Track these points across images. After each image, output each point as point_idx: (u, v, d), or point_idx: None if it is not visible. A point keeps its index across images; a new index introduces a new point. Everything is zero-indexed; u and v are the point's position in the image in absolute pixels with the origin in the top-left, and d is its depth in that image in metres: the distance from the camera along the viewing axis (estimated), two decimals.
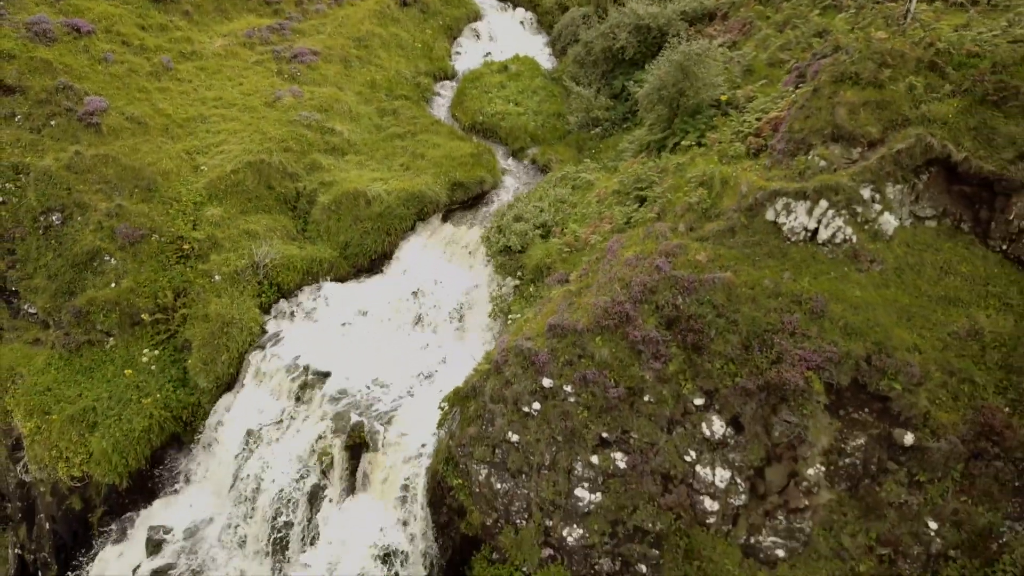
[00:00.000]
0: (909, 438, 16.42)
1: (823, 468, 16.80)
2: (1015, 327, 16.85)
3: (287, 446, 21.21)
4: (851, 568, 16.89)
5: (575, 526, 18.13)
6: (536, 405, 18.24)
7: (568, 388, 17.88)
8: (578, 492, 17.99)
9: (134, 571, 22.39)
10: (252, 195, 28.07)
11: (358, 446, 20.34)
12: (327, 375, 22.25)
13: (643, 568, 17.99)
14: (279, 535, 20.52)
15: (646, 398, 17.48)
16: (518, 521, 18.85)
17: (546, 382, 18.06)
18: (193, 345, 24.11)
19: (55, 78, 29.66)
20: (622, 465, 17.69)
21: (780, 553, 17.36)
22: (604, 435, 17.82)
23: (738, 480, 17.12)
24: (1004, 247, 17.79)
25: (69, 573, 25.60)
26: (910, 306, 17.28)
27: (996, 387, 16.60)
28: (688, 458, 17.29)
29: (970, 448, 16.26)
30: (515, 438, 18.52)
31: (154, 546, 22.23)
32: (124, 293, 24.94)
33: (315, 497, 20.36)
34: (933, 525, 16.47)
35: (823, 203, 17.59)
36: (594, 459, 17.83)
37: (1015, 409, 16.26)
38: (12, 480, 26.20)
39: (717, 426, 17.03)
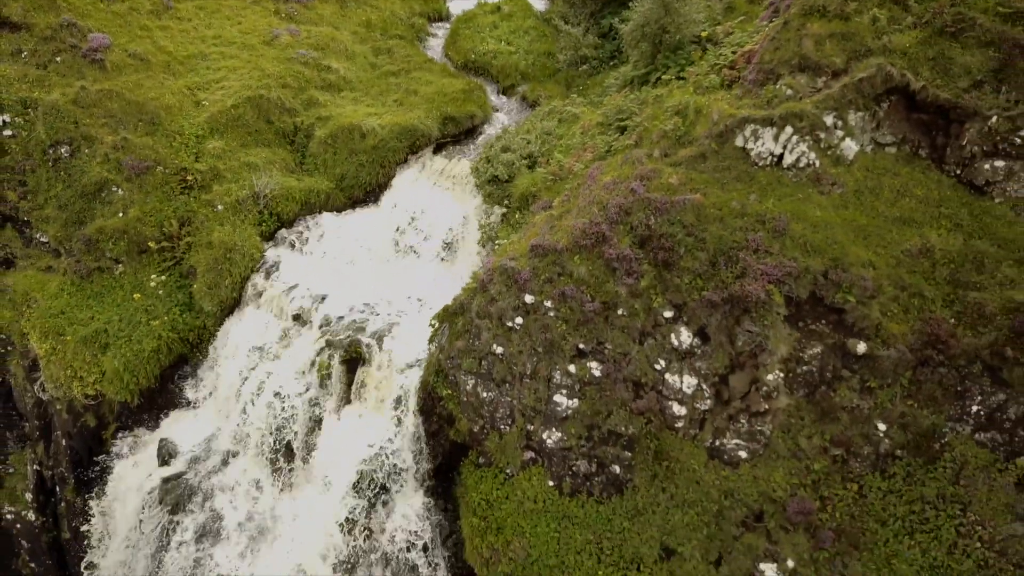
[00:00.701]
0: (862, 347, 17.76)
1: (782, 375, 18.19)
2: (963, 245, 18.07)
3: (287, 362, 22.65)
4: (807, 467, 18.39)
5: (554, 430, 19.62)
6: (519, 320, 19.56)
7: (548, 304, 19.18)
8: (557, 399, 19.43)
9: (146, 479, 24.07)
10: (252, 129, 29.15)
11: (354, 361, 21.75)
12: (324, 297, 23.58)
13: (616, 468, 19.54)
14: (280, 444, 22.06)
15: (620, 312, 18.80)
16: (502, 427, 20.34)
17: (528, 298, 19.35)
18: (198, 271, 25.41)
19: (59, 15, 30.47)
20: (597, 374, 19.10)
21: (743, 454, 18.86)
22: (581, 346, 19.19)
23: (704, 387, 18.53)
24: (957, 171, 18.92)
25: (85, 486, 27.39)
26: (867, 226, 18.49)
27: (944, 300, 17.89)
28: (658, 367, 18.68)
29: (917, 356, 17.60)
30: (499, 350, 19.90)
31: (165, 457, 23.81)
32: (131, 222, 26.16)
33: (313, 408, 21.84)
34: (882, 427, 17.90)
35: (788, 129, 18.69)
36: (572, 368, 19.23)
37: (960, 320, 17.56)
38: (30, 400, 27.77)
39: (685, 337, 18.38)
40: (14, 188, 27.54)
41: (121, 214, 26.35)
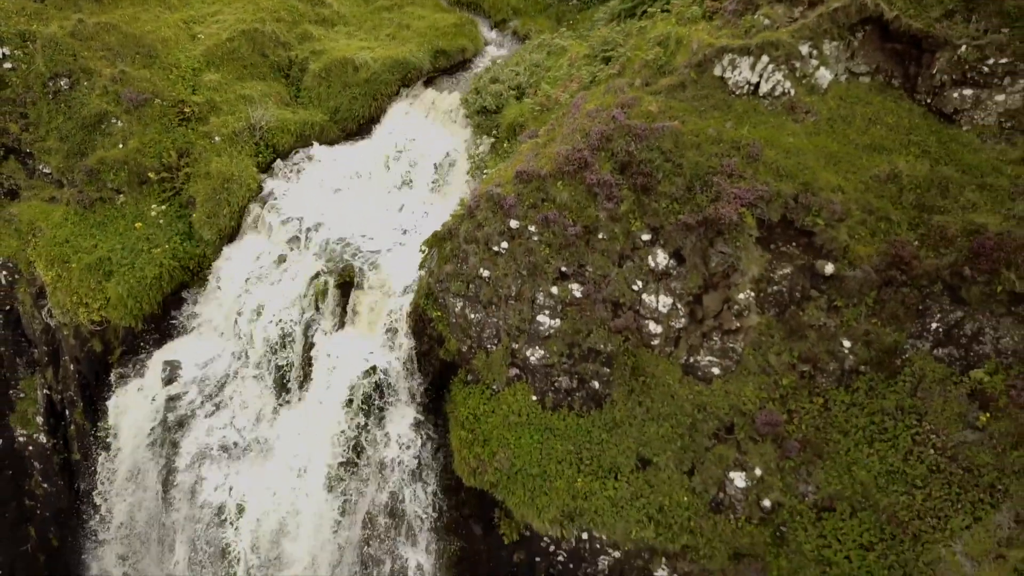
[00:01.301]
0: (829, 268, 18.66)
1: (753, 295, 19.13)
2: (930, 171, 18.83)
3: (283, 287, 23.62)
4: (775, 382, 19.45)
5: (537, 348, 20.64)
6: (504, 244, 20.43)
7: (532, 228, 20.01)
8: (540, 319, 20.41)
9: (151, 400, 25.27)
10: (247, 62, 29.65)
11: (347, 284, 22.71)
12: (319, 225, 24.44)
13: (596, 384, 20.62)
14: (278, 364, 23.17)
15: (600, 235, 19.65)
16: (489, 346, 21.37)
17: (513, 223, 20.19)
18: (197, 201, 26.21)
19: None
20: (578, 295, 20.05)
21: (715, 371, 19.91)
22: (563, 269, 20.09)
23: (679, 306, 19.48)
24: (928, 100, 19.59)
25: (93, 409, 28.64)
26: (838, 152, 19.23)
27: (909, 224, 18.72)
28: (636, 287, 19.61)
29: (882, 277, 18.50)
30: (486, 274, 20.81)
31: (168, 378, 24.96)
32: (131, 153, 26.87)
33: (309, 330, 22.90)
34: (847, 344, 18.89)
35: (765, 59, 19.30)
36: (554, 290, 20.16)
37: (923, 243, 18.42)
38: (38, 326, 28.85)
39: (661, 258, 19.26)
40: (16, 120, 28.18)
41: (121, 145, 27.03)
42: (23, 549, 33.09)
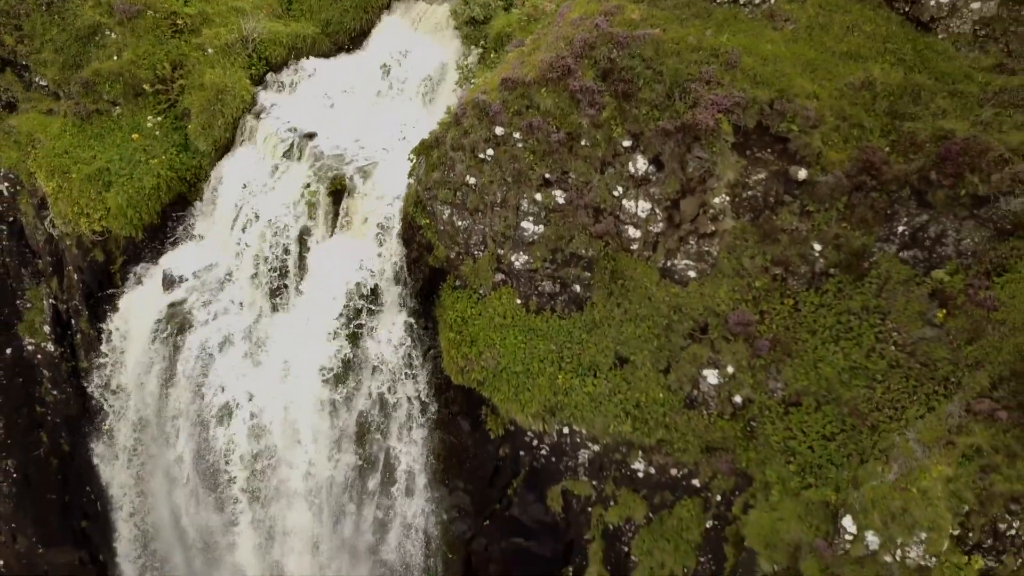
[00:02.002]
0: (803, 173, 19.29)
1: (728, 199, 19.81)
2: (904, 79, 19.27)
3: (278, 195, 24.32)
4: (748, 284, 20.29)
5: (522, 254, 21.45)
6: (490, 151, 21.02)
7: (517, 135, 20.58)
8: (524, 225, 21.15)
9: (153, 307, 26.25)
10: None
11: (339, 192, 23.41)
12: (312, 135, 25.01)
13: (577, 288, 21.50)
14: (274, 269, 24.05)
15: (583, 142, 20.23)
16: (475, 252, 22.18)
17: (498, 130, 20.74)
18: (192, 112, 26.68)
19: None
20: (561, 201, 20.74)
21: (691, 274, 20.75)
22: (547, 176, 20.73)
23: (657, 211, 20.20)
24: (906, 8, 19.89)
25: (98, 317, 29.65)
26: (815, 60, 19.64)
27: (881, 131, 19.26)
28: (616, 193, 20.29)
29: (853, 182, 19.13)
30: (472, 181, 21.47)
31: (168, 285, 25.89)
32: (126, 65, 27.22)
33: (304, 236, 23.71)
34: (818, 247, 19.66)
35: None
36: (538, 196, 20.85)
37: (894, 148, 19.00)
38: (41, 237, 29.66)
39: (641, 164, 19.89)
40: (10, 32, 28.43)
41: (115, 57, 27.37)
42: (36, 454, 34.57)
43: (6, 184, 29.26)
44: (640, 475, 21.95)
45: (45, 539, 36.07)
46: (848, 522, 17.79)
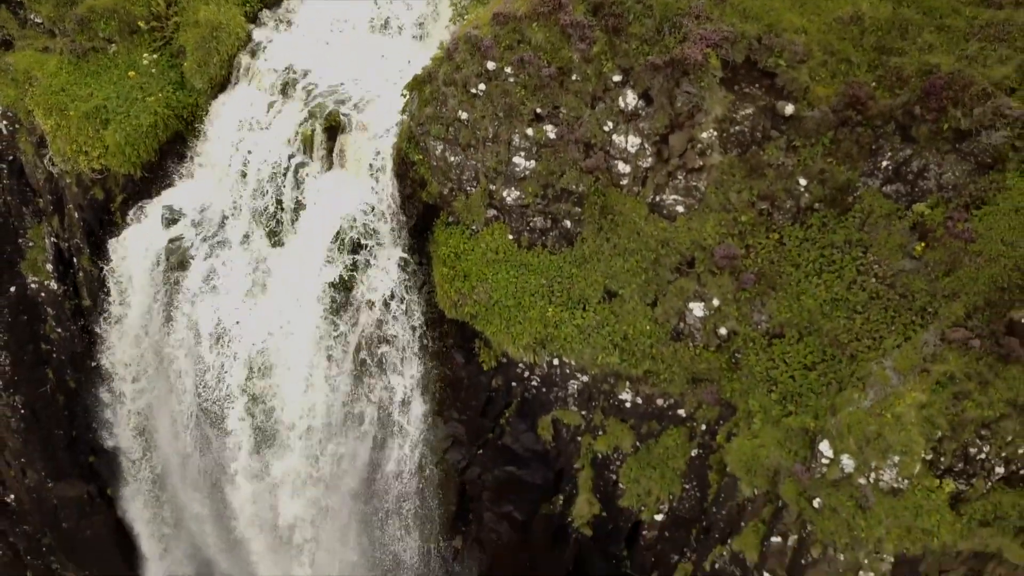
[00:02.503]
0: (789, 109, 19.56)
1: (716, 134, 20.10)
2: (892, 13, 19.42)
3: (274, 132, 24.57)
4: (735, 219, 20.69)
5: (513, 189, 21.81)
6: (482, 86, 21.22)
7: (508, 70, 20.75)
8: (516, 160, 21.47)
9: (153, 244, 26.73)
10: None
11: (334, 128, 23.66)
12: (307, 72, 25.14)
13: (568, 223, 21.92)
14: (270, 205, 24.46)
15: (573, 77, 20.43)
16: (468, 188, 22.54)
17: (490, 65, 20.90)
18: (187, 50, 26.71)
19: None
20: (552, 136, 21.03)
21: (679, 209, 21.14)
22: (538, 110, 20.97)
23: (646, 146, 20.49)
24: None
25: (99, 255, 30.13)
26: None
27: (868, 66, 19.47)
28: (606, 128, 20.54)
29: (839, 117, 19.40)
30: (464, 116, 21.72)
31: (167, 222, 26.32)
32: (120, 1, 27.15)
33: (299, 172, 24.04)
34: (803, 182, 20.02)
35: None
36: (529, 131, 21.12)
37: (880, 83, 19.23)
38: (41, 175, 29.96)
39: (631, 99, 20.11)
40: None
41: None
42: (42, 391, 35.33)
43: (5, 122, 29.45)
44: (627, 405, 22.64)
45: (54, 473, 37.06)
46: (825, 447, 18.50)
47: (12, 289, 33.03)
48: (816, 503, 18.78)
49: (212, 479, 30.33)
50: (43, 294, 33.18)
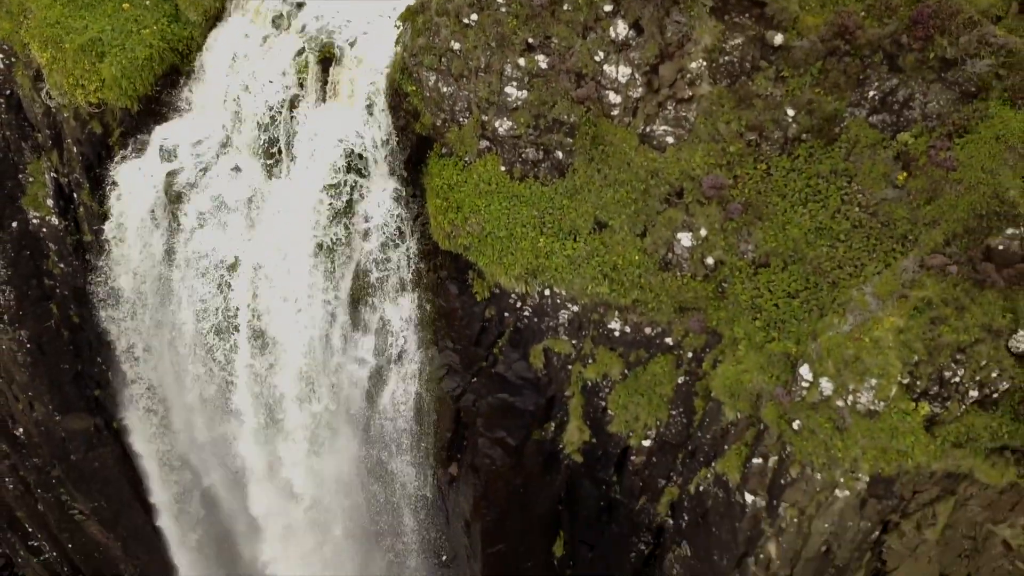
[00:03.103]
0: (779, 39, 19.70)
1: (705, 64, 20.27)
2: None
3: (268, 64, 24.65)
4: (723, 149, 20.97)
5: (505, 120, 22.04)
6: (474, 16, 21.32)
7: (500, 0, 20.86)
8: (508, 90, 21.66)
9: (151, 177, 27.08)
10: None
11: (328, 60, 23.80)
12: (302, 5, 25.14)
13: (559, 154, 22.20)
14: (266, 137, 24.73)
15: (565, 6, 20.49)
16: (460, 119, 22.78)
17: None
18: None
19: None
20: (544, 66, 21.20)
21: (669, 139, 21.42)
22: (530, 40, 21.09)
23: (637, 76, 20.68)
24: None
25: (98, 189, 30.45)
26: None
27: None
28: (597, 58, 20.70)
29: (827, 47, 19.54)
30: (457, 46, 21.85)
31: (165, 155, 26.61)
32: None
33: (294, 104, 24.26)
34: (791, 112, 20.25)
35: None
36: (521, 61, 21.28)
37: (869, 13, 19.33)
38: (39, 109, 30.09)
39: (621, 29, 20.23)
40: None
41: None
42: (47, 325, 35.92)
43: (1, 56, 29.51)
44: (616, 334, 23.21)
45: (61, 407, 37.83)
46: (805, 370, 19.10)
47: (14, 224, 33.37)
48: (796, 425, 19.45)
49: (211, 403, 31.15)
50: (45, 229, 33.54)
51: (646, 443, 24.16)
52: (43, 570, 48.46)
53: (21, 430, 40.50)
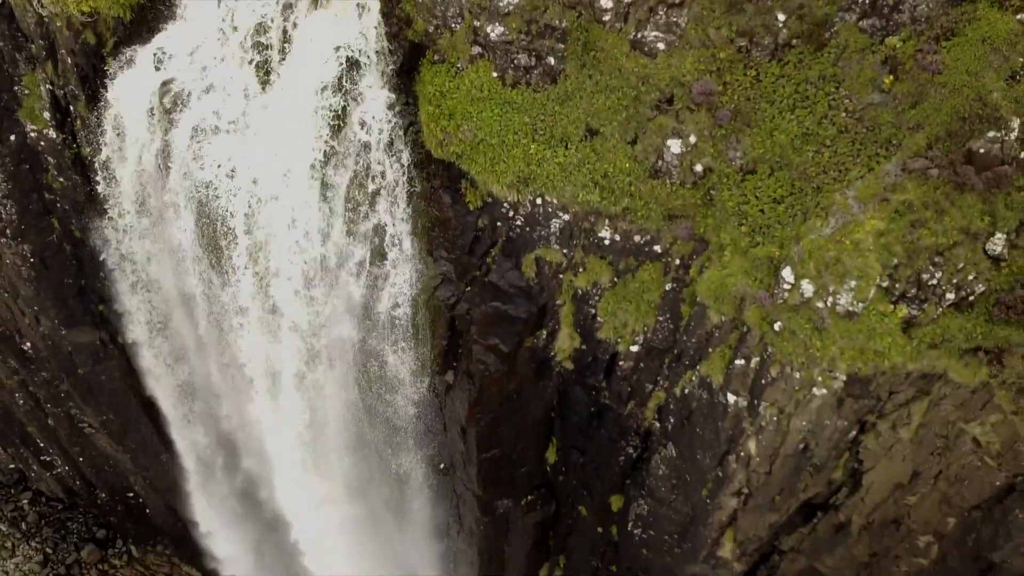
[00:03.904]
0: None
1: None
2: None
3: None
4: (713, 55, 20.98)
5: (497, 24, 22.00)
6: None
7: None
8: None
9: (146, 87, 27.16)
10: None
11: None
12: None
13: (551, 60, 22.25)
14: (260, 46, 24.74)
15: None
16: (453, 25, 22.74)
17: None
18: None
19: None
20: None
21: (660, 45, 21.41)
22: None
23: None
24: None
25: (94, 100, 30.53)
26: None
27: None
28: None
29: None
30: None
31: (158, 63, 26.63)
32: None
33: (287, 12, 24.18)
34: (782, 17, 20.21)
35: None
36: None
37: None
38: (31, 19, 29.89)
39: None
40: None
41: None
42: (49, 239, 36.43)
43: None
44: (606, 242, 23.66)
45: (66, 321, 38.61)
46: (787, 273, 19.61)
47: (12, 137, 33.50)
48: (777, 326, 20.07)
49: (215, 317, 31.90)
50: (43, 143, 33.70)
51: (634, 348, 24.85)
52: (56, 484, 50.19)
53: (29, 344, 41.43)
